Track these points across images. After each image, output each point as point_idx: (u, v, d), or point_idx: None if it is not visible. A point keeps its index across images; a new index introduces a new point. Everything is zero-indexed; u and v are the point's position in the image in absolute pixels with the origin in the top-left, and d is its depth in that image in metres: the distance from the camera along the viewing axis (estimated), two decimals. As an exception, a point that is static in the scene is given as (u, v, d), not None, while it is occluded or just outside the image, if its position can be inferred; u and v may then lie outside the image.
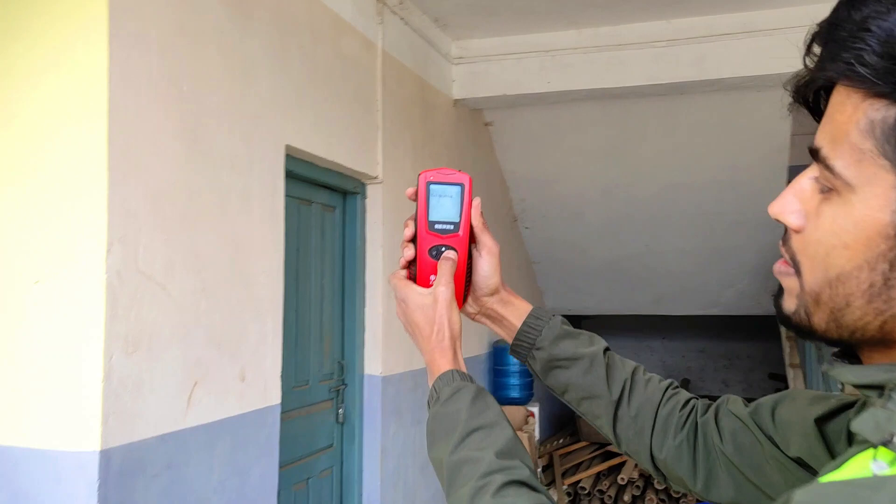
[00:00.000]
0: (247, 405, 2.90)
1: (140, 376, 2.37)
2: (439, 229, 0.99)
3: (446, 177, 1.00)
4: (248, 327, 2.93)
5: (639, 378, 1.03)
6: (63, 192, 2.28)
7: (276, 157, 3.12)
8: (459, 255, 1.00)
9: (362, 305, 4.01)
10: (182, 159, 2.57)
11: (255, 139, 2.98)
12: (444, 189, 1.00)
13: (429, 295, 0.97)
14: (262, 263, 3.02)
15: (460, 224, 0.99)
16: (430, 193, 0.99)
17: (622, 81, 4.71)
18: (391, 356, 4.12)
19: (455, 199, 1.00)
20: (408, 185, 0.99)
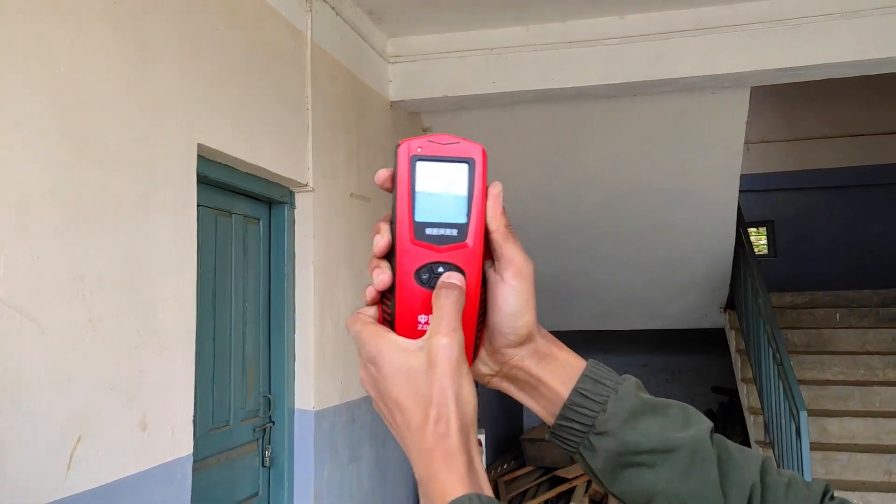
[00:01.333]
0: (150, 459, 2.38)
1: (3, 436, 1.84)
2: (434, 237, 0.62)
3: (444, 148, 0.63)
4: (151, 364, 2.41)
5: (772, 481, 0.66)
6: None
7: (186, 158, 2.62)
8: (469, 280, 0.63)
9: (291, 331, 3.52)
10: (60, 157, 2.05)
11: (158, 136, 2.47)
12: (442, 169, 0.63)
13: (419, 352, 0.60)
14: (169, 286, 2.51)
15: (469, 227, 0.63)
16: (416, 177, 0.62)
17: (573, 81, 4.36)
18: (325, 387, 3.63)
19: (460, 185, 0.63)
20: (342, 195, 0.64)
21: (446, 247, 0.62)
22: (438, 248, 0.62)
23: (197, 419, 2.68)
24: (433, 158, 0.62)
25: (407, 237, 0.62)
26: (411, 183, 0.62)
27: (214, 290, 2.99)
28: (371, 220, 4.26)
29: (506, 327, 0.67)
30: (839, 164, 8.16)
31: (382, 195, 4.45)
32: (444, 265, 0.62)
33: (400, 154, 0.62)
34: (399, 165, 0.62)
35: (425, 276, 0.62)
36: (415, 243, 0.62)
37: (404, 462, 4.79)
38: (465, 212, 0.63)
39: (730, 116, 4.65)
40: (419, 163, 0.62)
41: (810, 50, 4.01)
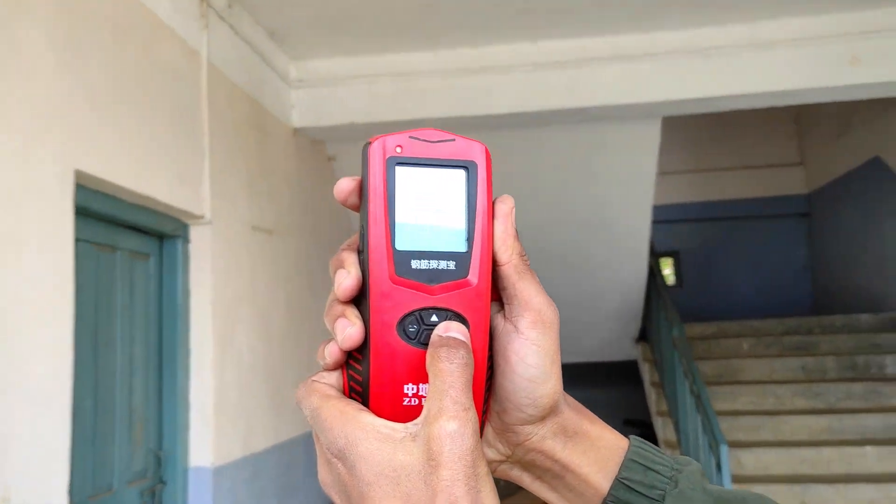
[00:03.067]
0: (15, 539, 2.01)
1: None
2: (424, 273, 0.47)
3: (433, 147, 0.48)
4: (16, 425, 2.05)
5: None
6: None
7: (61, 186, 2.29)
8: (474, 333, 0.47)
9: (186, 378, 3.17)
10: None
11: (27, 159, 2.14)
12: (431, 177, 0.48)
13: (412, 442, 0.43)
14: (41, 333, 2.16)
15: (472, 258, 0.48)
16: (395, 188, 0.47)
17: (485, 109, 4.22)
18: (225, 440, 3.29)
19: (457, 200, 0.48)
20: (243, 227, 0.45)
21: (441, 286, 0.47)
22: (430, 287, 0.47)
23: (73, 487, 2.31)
24: (419, 162, 0.47)
25: (385, 274, 0.46)
26: (389, 197, 0.46)
27: (96, 335, 2.64)
28: (276, 256, 3.96)
29: (522, 397, 0.50)
30: (741, 196, 8.41)
31: (287, 228, 4.16)
32: (439, 312, 0.46)
33: (372, 156, 0.46)
34: (371, 172, 0.46)
35: (413, 329, 0.46)
36: (397, 282, 0.46)
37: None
38: (466, 237, 0.48)
39: (643, 147, 4.63)
40: (400, 168, 0.46)
41: (721, 81, 4.02)
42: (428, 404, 0.43)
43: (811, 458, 5.03)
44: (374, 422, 0.44)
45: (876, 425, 5.24)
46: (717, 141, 8.36)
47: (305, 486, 4.31)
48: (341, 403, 0.46)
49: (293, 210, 4.28)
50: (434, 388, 0.43)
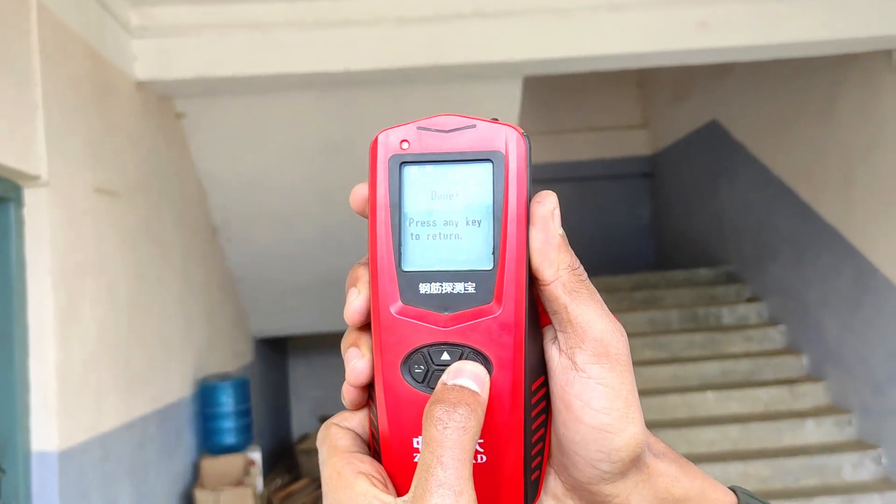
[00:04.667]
0: None
1: None
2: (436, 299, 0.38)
3: (448, 138, 0.38)
4: None
5: None
6: None
7: None
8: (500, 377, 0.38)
9: (24, 356, 2.87)
10: None
11: None
12: (447, 177, 0.39)
13: None
14: None
15: (499, 278, 0.38)
16: (403, 193, 0.39)
17: (346, 65, 4.06)
18: (70, 422, 3.02)
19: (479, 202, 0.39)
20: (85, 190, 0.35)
21: (456, 315, 0.39)
22: (442, 317, 0.39)
23: None
24: (430, 159, 0.39)
25: (389, 301, 0.39)
26: (393, 206, 0.39)
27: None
28: (122, 220, 3.65)
29: (593, 451, 0.40)
30: (589, 157, 8.70)
31: (134, 190, 3.85)
32: (452, 348, 0.38)
33: (376, 154, 0.39)
34: (376, 174, 0.39)
35: (419, 370, 0.39)
36: (402, 312, 0.39)
37: (171, 492, 4.22)
38: (491, 250, 0.39)
39: (504, 107, 4.64)
40: (407, 169, 0.39)
41: (580, 41, 4.08)
42: (414, 479, 0.35)
43: (658, 406, 5.33)
44: (368, 491, 0.36)
45: (714, 371, 5.63)
46: (569, 103, 8.60)
47: (159, 465, 4.07)
48: (342, 462, 0.38)
49: (140, 171, 3.97)
50: (422, 460, 0.35)
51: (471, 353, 0.38)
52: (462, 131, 0.39)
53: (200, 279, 5.11)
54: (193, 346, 4.81)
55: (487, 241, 0.39)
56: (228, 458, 4.59)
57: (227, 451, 4.68)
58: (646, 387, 5.51)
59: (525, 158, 0.40)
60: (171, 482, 4.28)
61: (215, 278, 5.57)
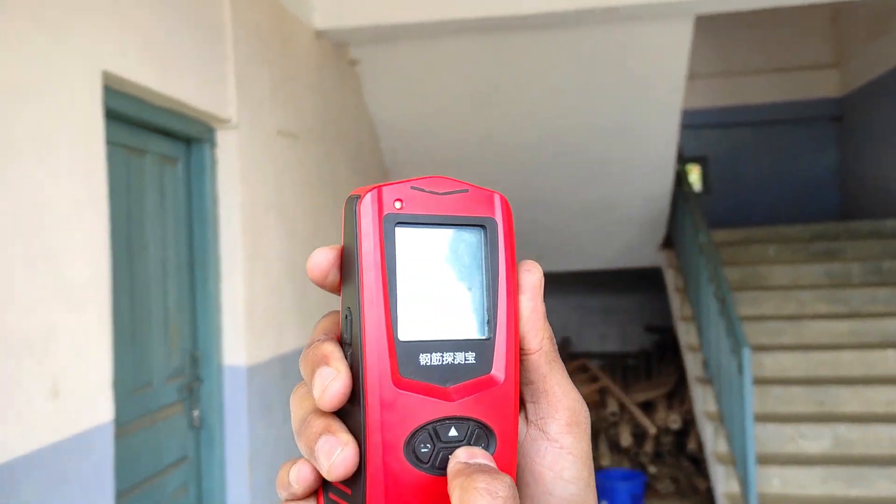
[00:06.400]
0: (64, 429, 2.11)
1: None
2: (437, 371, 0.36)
3: (441, 201, 0.37)
4: (60, 323, 2.12)
5: None
6: None
7: (90, 87, 2.29)
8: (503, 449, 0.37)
9: (217, 282, 3.24)
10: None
11: (56, 59, 2.13)
12: (441, 242, 0.38)
13: None
14: (76, 234, 2.20)
15: (496, 347, 0.38)
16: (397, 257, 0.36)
17: (512, 9, 4.10)
18: (256, 341, 3.38)
19: (472, 267, 0.38)
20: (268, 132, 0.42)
21: (459, 386, 0.37)
22: (445, 390, 0.36)
23: (116, 382, 2.40)
24: (425, 221, 0.37)
25: (387, 375, 0.35)
26: (389, 269, 0.36)
27: (129, 239, 2.69)
28: (301, 161, 3.96)
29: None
30: (771, 100, 8.19)
31: (312, 134, 4.15)
32: (460, 423, 0.36)
33: (362, 214, 0.36)
34: (363, 236, 0.35)
35: (425, 450, 0.36)
36: (402, 386, 0.35)
37: (342, 414, 4.60)
38: (486, 318, 0.38)
39: (673, 48, 4.50)
40: (401, 230, 0.36)
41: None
42: None
43: (830, 361, 5.08)
44: None
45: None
46: (748, 43, 8.11)
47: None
48: None
49: (317, 115, 4.26)
50: None
51: (477, 426, 0.37)
52: (456, 195, 0.38)
53: (372, 219, 5.42)
54: (365, 281, 5.14)
55: (481, 309, 0.38)
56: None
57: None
58: (818, 341, 5.26)
59: (512, 225, 0.40)
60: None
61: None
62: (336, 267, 0.38)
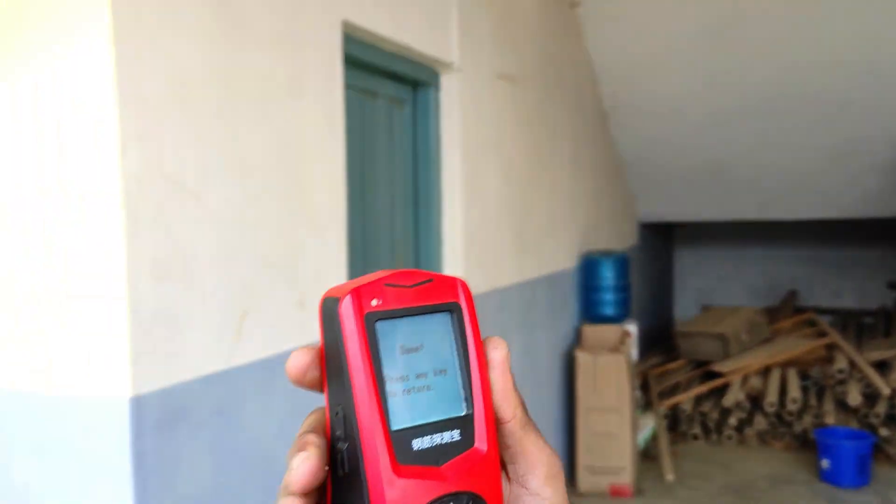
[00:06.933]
0: (308, 336, 2.45)
1: (175, 307, 1.92)
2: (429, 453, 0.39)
3: (412, 293, 0.40)
4: (306, 244, 2.45)
5: None
6: (64, 80, 1.80)
7: (332, 36, 2.57)
8: None
9: (439, 216, 3.50)
10: (212, 35, 2.05)
11: (304, 12, 2.43)
12: (417, 330, 0.40)
13: None
14: (319, 167, 2.51)
15: (476, 421, 0.41)
16: (381, 351, 0.39)
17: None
18: (474, 273, 3.62)
19: (445, 349, 0.41)
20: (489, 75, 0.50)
21: (450, 464, 0.39)
22: (439, 470, 0.39)
23: (351, 299, 2.72)
24: (402, 314, 0.39)
25: (387, 465, 0.37)
26: (376, 364, 0.38)
27: (363, 173, 2.99)
28: (519, 104, 4.11)
29: None
30: None
31: (529, 76, 4.27)
32: (457, 497, 0.39)
33: (344, 316, 0.38)
34: (346, 336, 0.38)
35: None
36: (402, 473, 0.38)
37: (554, 349, 4.78)
38: (464, 395, 0.41)
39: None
40: (381, 324, 0.39)
41: None
42: None
43: None
44: None
45: None
46: None
47: (544, 324, 4.62)
48: None
49: (536, 58, 4.37)
50: None
51: (471, 498, 0.39)
52: (424, 285, 0.41)
53: (589, 162, 5.47)
54: (579, 224, 5.24)
55: (458, 387, 0.41)
56: (607, 327, 5.00)
57: (605, 321, 5.10)
58: None
59: (472, 306, 0.43)
60: (555, 341, 4.84)
61: (603, 162, 5.89)
62: (315, 365, 0.40)
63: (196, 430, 2.00)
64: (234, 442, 2.13)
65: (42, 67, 1.81)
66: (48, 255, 1.84)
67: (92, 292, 1.81)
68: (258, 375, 2.23)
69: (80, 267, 1.81)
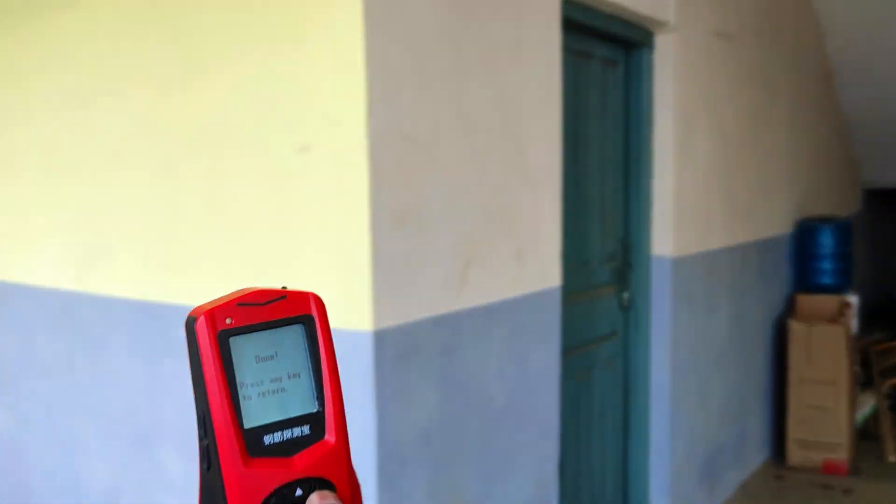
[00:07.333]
0: (524, 287, 2.60)
1: (409, 253, 2.12)
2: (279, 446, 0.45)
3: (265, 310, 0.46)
4: (523, 200, 2.58)
5: None
6: (320, 47, 2.04)
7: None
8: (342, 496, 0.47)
9: (649, 177, 3.50)
10: (443, 4, 2.21)
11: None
12: (269, 342, 0.46)
13: None
14: (536, 127, 2.63)
15: (326, 416, 0.47)
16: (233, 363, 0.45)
17: None
18: (683, 235, 3.59)
19: (298, 356, 0.47)
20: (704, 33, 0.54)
21: (300, 454, 0.45)
22: (289, 460, 0.45)
23: (563, 255, 2.83)
24: (253, 328, 0.45)
25: (238, 458, 0.43)
26: (227, 374, 0.44)
27: (575, 133, 3.07)
28: (734, 62, 3.98)
29: None
30: None
31: (747, 33, 4.11)
32: (303, 483, 0.45)
33: (199, 334, 0.44)
34: (203, 352, 0.44)
35: None
36: (251, 465, 0.44)
37: (764, 316, 4.63)
38: (314, 394, 0.47)
39: None
40: (234, 339, 0.44)
41: None
42: None
43: None
44: None
45: None
46: None
47: (755, 290, 4.47)
48: None
49: (755, 14, 4.19)
50: None
51: (318, 482, 0.45)
52: (276, 302, 0.46)
53: (809, 123, 5.17)
54: (796, 188, 4.99)
55: (311, 387, 0.47)
56: (824, 297, 4.75)
57: (822, 291, 4.83)
58: None
59: (325, 318, 0.48)
60: (766, 308, 4.67)
61: (825, 123, 5.53)
62: None
63: (425, 365, 2.21)
64: (457, 379, 2.32)
65: (305, 37, 2.06)
66: (298, 204, 2.10)
67: (336, 236, 2.05)
68: (479, 321, 2.40)
69: (326, 212, 2.05)
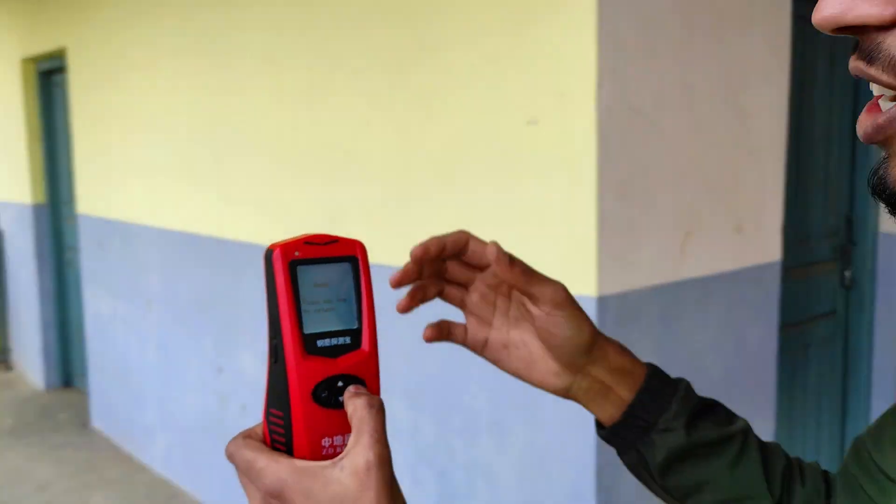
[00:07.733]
0: (743, 260, 2.58)
1: (632, 222, 2.19)
2: (327, 349, 0.58)
3: (323, 248, 0.59)
4: (745, 172, 2.55)
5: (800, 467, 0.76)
6: (553, 24, 2.14)
7: (781, -35, 2.60)
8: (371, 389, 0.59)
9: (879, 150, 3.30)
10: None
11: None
12: (325, 272, 0.59)
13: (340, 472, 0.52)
14: (761, 98, 2.58)
15: (363, 332, 0.60)
16: (298, 284, 0.57)
17: None
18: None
19: (346, 287, 0.60)
20: None
21: (342, 357, 0.58)
22: (334, 361, 0.57)
23: (784, 228, 2.77)
24: (314, 261, 0.58)
25: (299, 353, 0.56)
26: (294, 292, 0.56)
27: (800, 103, 2.97)
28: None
29: (570, 347, 0.71)
30: None
31: None
32: (344, 378, 0.57)
33: (275, 261, 0.56)
34: (276, 274, 0.56)
35: (324, 394, 0.57)
36: (307, 359, 0.56)
37: None
38: (356, 315, 0.59)
39: None
40: (301, 267, 0.57)
41: None
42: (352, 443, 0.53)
43: None
44: (307, 465, 0.53)
45: None
46: None
47: None
48: (274, 454, 0.55)
49: None
50: (357, 431, 0.54)
51: (353, 378, 0.58)
52: (331, 244, 0.58)
53: None
54: None
55: (353, 310, 0.59)
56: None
57: None
58: None
59: (366, 260, 0.59)
60: None
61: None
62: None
63: (644, 332, 2.28)
64: (673, 348, 2.37)
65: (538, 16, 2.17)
66: (527, 175, 2.22)
67: (563, 204, 2.15)
68: (696, 292, 2.42)
69: (554, 182, 2.16)
